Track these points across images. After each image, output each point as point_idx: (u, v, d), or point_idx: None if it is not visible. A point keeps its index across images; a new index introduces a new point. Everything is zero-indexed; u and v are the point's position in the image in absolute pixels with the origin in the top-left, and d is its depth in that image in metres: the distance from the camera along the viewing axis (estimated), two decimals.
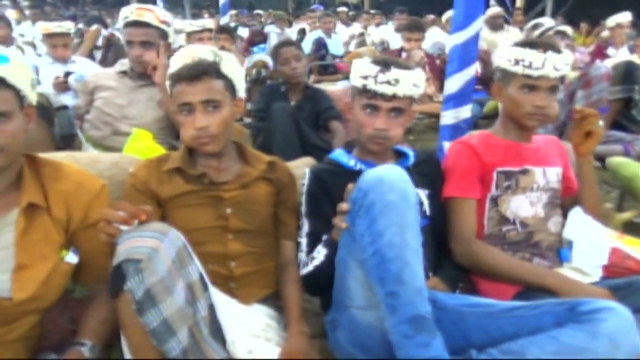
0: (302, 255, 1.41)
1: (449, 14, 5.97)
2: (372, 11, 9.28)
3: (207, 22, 3.52)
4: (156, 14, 2.12)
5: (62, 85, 2.87)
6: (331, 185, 1.45)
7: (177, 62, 1.31)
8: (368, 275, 1.05)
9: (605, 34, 6.20)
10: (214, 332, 1.03)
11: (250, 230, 1.32)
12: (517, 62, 1.51)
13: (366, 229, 1.04)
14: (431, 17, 7.70)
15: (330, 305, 1.33)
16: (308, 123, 2.40)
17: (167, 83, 1.35)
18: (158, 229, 0.96)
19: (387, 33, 6.67)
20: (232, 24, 7.42)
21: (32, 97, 1.11)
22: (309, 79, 5.09)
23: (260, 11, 11.53)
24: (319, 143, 2.33)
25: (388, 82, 1.37)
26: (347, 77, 5.43)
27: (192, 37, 3.50)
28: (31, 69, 1.13)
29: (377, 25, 8.38)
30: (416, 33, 4.12)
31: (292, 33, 7.37)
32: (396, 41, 6.44)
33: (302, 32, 7.08)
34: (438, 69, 4.12)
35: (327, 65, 5.59)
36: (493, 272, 1.41)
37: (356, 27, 8.28)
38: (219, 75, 1.30)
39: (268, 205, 1.38)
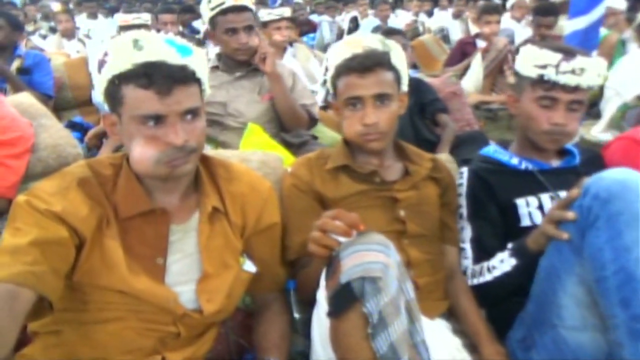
0: (468, 263, 1.29)
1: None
2: None
3: (285, 10, 3.39)
4: None
5: None
6: (495, 186, 1.32)
7: (341, 52, 1.20)
8: (602, 295, 0.92)
9: None
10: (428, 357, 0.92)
11: (425, 235, 1.21)
12: None
13: (606, 243, 0.90)
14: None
15: (506, 320, 1.21)
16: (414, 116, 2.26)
17: (328, 74, 1.24)
18: (381, 241, 0.85)
19: (446, 20, 6.44)
20: None
21: (208, 90, 1.01)
22: None
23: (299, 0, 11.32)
24: (430, 137, 2.19)
25: (572, 72, 1.22)
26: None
27: (270, 26, 3.38)
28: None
29: (428, 12, 8.12)
30: (495, 15, 3.89)
31: (343, 22, 7.19)
32: (455, 29, 6.22)
33: (354, 21, 6.89)
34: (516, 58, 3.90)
35: None
36: None
37: (402, 14, 8.03)
38: (390, 66, 1.18)
39: (437, 207, 1.26)
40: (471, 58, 3.79)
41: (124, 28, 3.29)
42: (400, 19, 7.54)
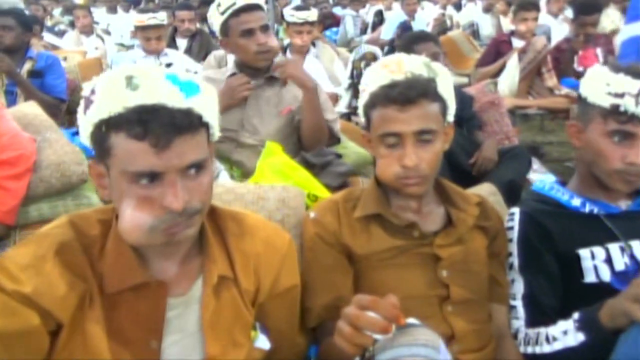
0: (520, 325, 1.10)
1: None
2: None
3: (310, 14, 3.13)
4: None
5: None
6: (553, 232, 1.12)
7: (379, 77, 1.00)
8: None
9: None
10: None
11: (472, 300, 1.02)
12: None
13: None
14: None
15: None
16: None
17: (360, 100, 1.05)
18: (428, 340, 0.67)
19: (476, 14, 6.14)
20: None
21: (217, 133, 0.83)
22: None
23: None
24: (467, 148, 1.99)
25: None
26: None
27: (291, 28, 3.19)
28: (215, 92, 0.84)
29: (456, 5, 7.80)
30: (532, 11, 3.63)
31: (367, 15, 6.94)
32: (485, 23, 5.92)
33: (379, 14, 6.63)
34: (555, 59, 3.62)
35: None
36: None
37: (429, 7, 7.71)
38: (436, 96, 0.99)
39: (485, 264, 1.07)
40: (506, 58, 3.54)
41: (140, 28, 3.16)
42: (427, 12, 7.23)
